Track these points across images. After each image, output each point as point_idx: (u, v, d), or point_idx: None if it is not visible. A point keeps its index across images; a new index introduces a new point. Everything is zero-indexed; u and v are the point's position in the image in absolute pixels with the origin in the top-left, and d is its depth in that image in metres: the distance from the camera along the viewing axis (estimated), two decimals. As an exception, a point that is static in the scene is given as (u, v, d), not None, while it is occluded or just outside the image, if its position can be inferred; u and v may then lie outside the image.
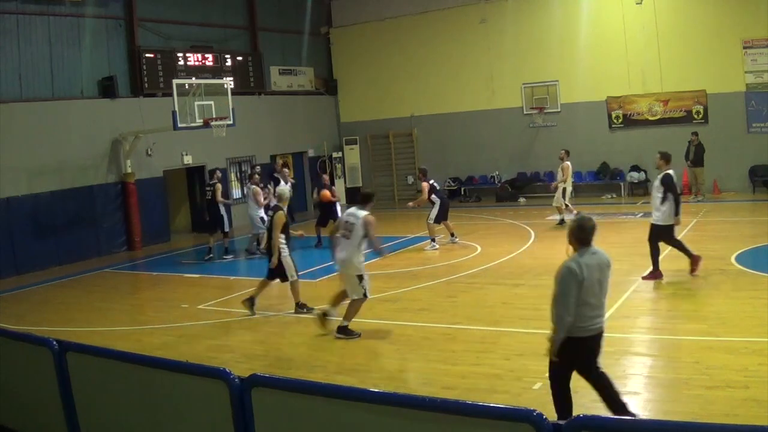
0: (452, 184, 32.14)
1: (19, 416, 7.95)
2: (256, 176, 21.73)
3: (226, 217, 21.49)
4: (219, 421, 5.63)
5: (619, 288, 13.95)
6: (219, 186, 21.41)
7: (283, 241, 13.82)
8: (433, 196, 20.46)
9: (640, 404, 8.53)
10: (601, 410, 7.99)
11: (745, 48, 26.89)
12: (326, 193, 21.66)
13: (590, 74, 29.05)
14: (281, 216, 13.78)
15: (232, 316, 14.20)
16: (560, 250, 16.05)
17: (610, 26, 28.69)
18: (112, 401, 6.73)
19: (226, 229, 21.57)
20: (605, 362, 9.93)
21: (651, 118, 28.70)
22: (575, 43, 29.25)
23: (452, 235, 20.70)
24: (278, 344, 12.15)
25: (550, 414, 4.08)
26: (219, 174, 23.02)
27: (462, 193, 32.04)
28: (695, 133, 26.36)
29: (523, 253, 18.54)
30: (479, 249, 19.36)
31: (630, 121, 29.00)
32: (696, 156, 26.05)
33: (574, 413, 4.05)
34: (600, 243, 9.86)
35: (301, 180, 31.40)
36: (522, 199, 29.93)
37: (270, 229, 13.92)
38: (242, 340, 12.63)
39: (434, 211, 20.30)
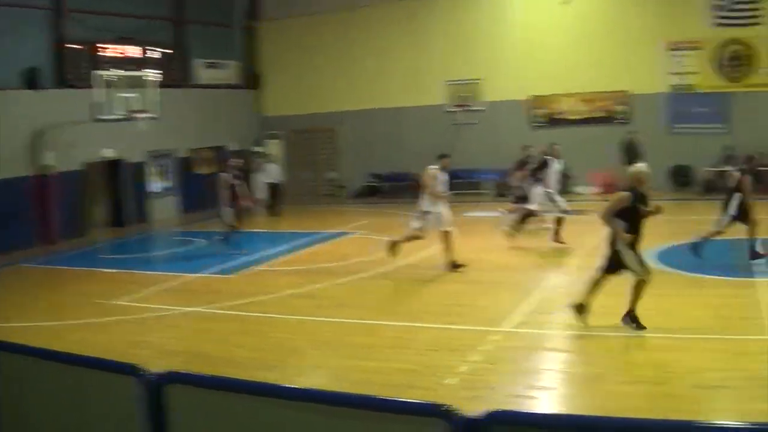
0: (374, 180, 32.23)
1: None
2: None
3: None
4: (132, 420, 5.54)
5: (533, 284, 14.21)
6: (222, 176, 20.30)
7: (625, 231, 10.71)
8: None
9: (555, 399, 8.65)
10: (516, 405, 8.07)
11: (668, 50, 27.45)
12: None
13: (514, 73, 29.35)
14: (621, 197, 10.83)
15: (149, 312, 14.01)
16: (475, 247, 16.29)
17: (535, 26, 29.04)
18: (24, 398, 6.60)
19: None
20: (517, 357, 10.09)
21: (574, 118, 29.10)
22: (500, 42, 29.58)
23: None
24: (196, 340, 12.02)
25: (465, 407, 4.09)
26: (235, 161, 21.24)
27: (384, 189, 32.19)
28: (631, 132, 26.87)
29: (439, 248, 18.57)
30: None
31: (553, 120, 29.35)
32: (636, 154, 26.69)
33: (489, 408, 4.06)
34: (517, 240, 9.82)
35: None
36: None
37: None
38: (160, 336, 12.46)
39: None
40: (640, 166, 11.31)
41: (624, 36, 27.75)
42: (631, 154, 26.82)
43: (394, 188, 31.65)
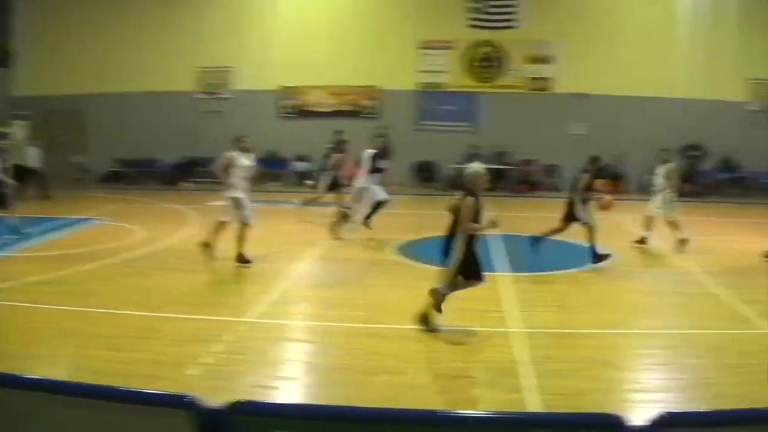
0: (120, 165, 31.34)
1: None
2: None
3: None
4: None
5: (278, 275, 14.17)
6: None
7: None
8: None
9: (298, 390, 8.60)
10: (259, 395, 7.99)
11: (420, 48, 28.30)
12: None
13: (265, 63, 29.41)
14: (471, 205, 10.08)
15: None
16: (228, 236, 16.05)
17: (290, 16, 29.26)
18: None
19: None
20: (261, 347, 10.01)
21: (323, 110, 29.39)
22: (253, 30, 29.61)
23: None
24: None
25: (209, 398, 3.97)
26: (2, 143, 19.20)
27: (127, 175, 31.32)
28: (381, 127, 27.42)
29: (183, 237, 18.24)
30: (140, 233, 18.84)
31: (302, 112, 29.55)
32: (386, 149, 27.25)
33: (232, 398, 3.96)
34: (261, 230, 9.56)
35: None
36: (187, 184, 29.59)
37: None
38: None
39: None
40: (477, 166, 10.55)
41: (378, 32, 28.43)
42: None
43: (141, 174, 30.93)
